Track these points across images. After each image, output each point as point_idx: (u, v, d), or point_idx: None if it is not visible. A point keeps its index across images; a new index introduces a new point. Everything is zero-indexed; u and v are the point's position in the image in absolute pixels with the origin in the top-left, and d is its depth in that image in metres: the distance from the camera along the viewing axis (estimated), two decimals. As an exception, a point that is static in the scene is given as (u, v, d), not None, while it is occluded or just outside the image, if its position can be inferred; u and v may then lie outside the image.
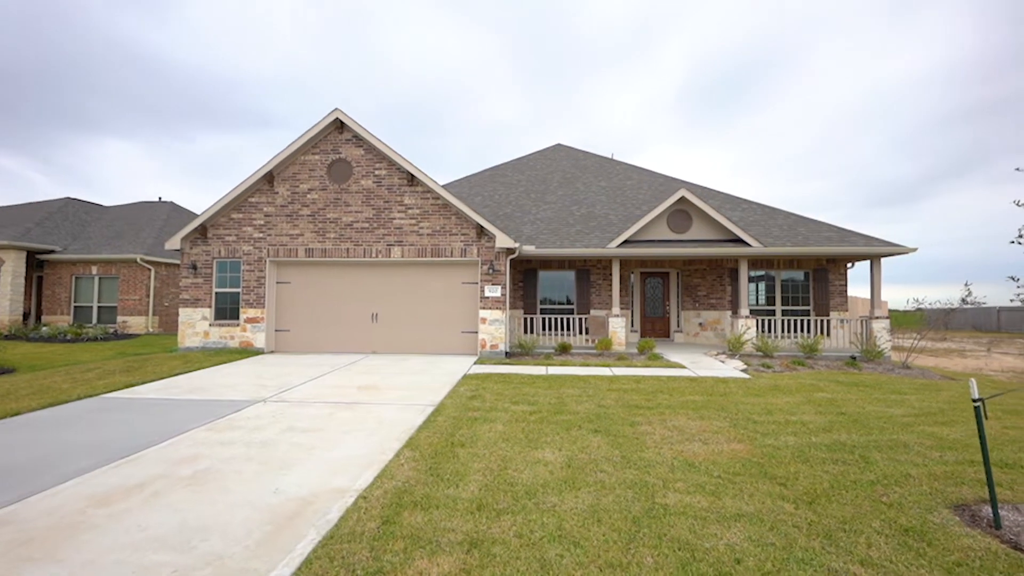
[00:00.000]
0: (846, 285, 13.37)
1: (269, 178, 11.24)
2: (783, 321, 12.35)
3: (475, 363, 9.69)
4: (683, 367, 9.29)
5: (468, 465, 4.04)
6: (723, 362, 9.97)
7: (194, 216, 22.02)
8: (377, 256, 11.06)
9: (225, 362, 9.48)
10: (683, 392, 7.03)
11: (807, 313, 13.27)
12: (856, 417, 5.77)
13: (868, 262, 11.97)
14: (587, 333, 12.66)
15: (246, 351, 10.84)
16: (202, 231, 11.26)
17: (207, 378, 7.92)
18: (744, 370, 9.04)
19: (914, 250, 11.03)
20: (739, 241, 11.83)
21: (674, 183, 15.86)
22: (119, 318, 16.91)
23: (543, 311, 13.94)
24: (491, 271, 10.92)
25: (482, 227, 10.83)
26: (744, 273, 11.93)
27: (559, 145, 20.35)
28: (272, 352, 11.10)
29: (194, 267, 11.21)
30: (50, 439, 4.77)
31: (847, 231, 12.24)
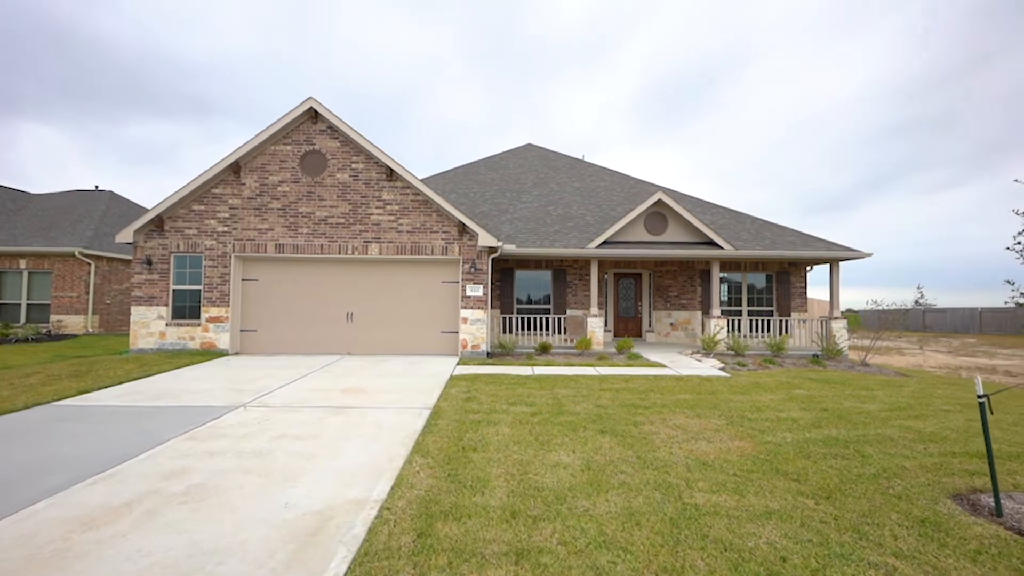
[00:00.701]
0: (806, 287, 14.15)
1: (235, 168, 10.53)
2: (750, 321, 12.89)
3: (458, 364, 9.49)
4: (664, 366, 9.49)
5: (487, 471, 3.91)
6: (700, 361, 10.28)
7: (137, 207, 20.38)
8: (353, 253, 10.61)
9: (187, 365, 8.79)
10: (673, 391, 7.16)
11: (771, 314, 13.93)
12: (838, 413, 6.07)
13: (828, 265, 12.71)
14: (565, 333, 12.72)
15: (208, 353, 10.11)
16: (158, 223, 10.39)
17: (172, 382, 7.30)
18: (722, 368, 9.35)
19: (870, 255, 11.82)
20: (711, 244, 12.25)
21: (645, 186, 16.26)
22: (53, 317, 15.35)
23: (520, 311, 13.88)
24: (473, 270, 10.74)
25: (464, 225, 10.62)
26: (716, 274, 12.35)
27: (530, 145, 20.38)
28: (237, 354, 10.41)
29: (149, 262, 10.33)
30: (2, 455, 4.21)
31: (809, 236, 12.96)
